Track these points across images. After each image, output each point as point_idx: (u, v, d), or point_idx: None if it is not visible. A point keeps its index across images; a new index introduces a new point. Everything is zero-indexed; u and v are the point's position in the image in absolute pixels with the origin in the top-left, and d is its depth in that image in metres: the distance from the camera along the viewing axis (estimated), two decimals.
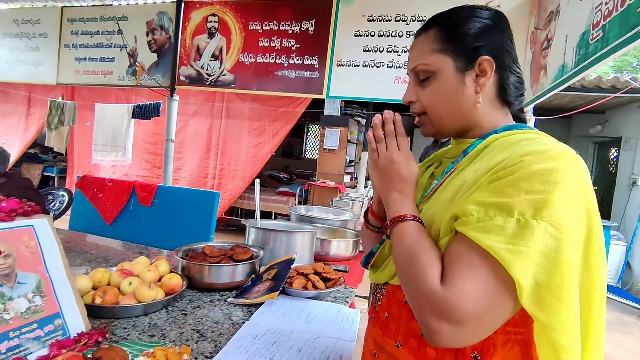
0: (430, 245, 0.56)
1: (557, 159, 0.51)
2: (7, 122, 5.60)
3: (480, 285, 0.49)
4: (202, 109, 4.74)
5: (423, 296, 0.52)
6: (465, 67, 0.63)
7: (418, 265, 0.54)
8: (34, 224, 0.84)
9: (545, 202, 0.48)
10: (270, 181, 6.83)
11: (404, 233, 0.59)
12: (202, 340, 0.88)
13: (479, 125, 0.66)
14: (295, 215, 2.13)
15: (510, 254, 0.48)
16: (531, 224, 0.48)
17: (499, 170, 0.53)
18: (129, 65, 4.53)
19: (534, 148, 0.53)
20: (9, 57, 5.11)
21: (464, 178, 0.58)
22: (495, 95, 0.65)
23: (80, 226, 2.44)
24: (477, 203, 0.52)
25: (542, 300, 0.47)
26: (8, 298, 0.74)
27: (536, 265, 0.47)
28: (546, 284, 0.47)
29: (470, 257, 0.51)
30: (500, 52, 0.63)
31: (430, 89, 0.65)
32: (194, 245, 1.38)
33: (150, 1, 4.58)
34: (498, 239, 0.49)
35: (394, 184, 0.64)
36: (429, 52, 0.64)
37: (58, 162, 6.79)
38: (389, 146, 0.66)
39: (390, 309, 0.66)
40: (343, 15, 3.80)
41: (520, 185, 0.50)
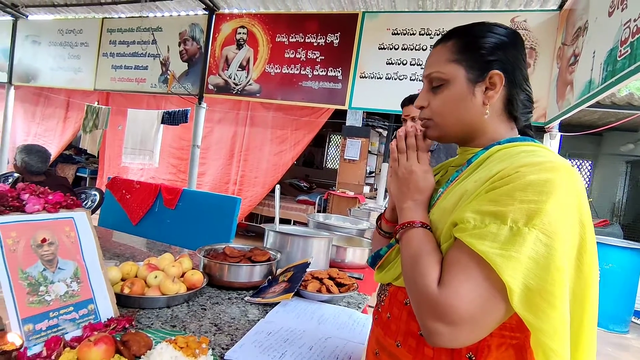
0: (432, 250, 0.59)
1: (552, 171, 0.53)
2: (46, 125, 5.95)
3: (474, 288, 0.52)
4: (228, 116, 4.89)
5: (422, 298, 0.56)
6: (477, 79, 0.66)
7: (419, 268, 0.58)
8: (75, 216, 0.93)
9: (538, 211, 0.51)
10: (290, 189, 6.92)
11: (411, 238, 0.63)
12: (219, 333, 0.94)
13: (483, 136, 0.69)
14: (313, 222, 2.18)
15: (502, 259, 0.50)
16: (523, 231, 0.51)
17: (496, 180, 0.56)
18: (161, 73, 4.75)
19: (530, 159, 0.56)
20: (52, 64, 5.45)
21: (465, 187, 0.61)
22: (502, 109, 0.68)
23: (108, 225, 2.56)
24: (474, 211, 0.55)
25: (532, 304, 0.50)
26: (50, 281, 0.82)
27: (526, 270, 0.50)
28: (536, 288, 0.50)
29: (466, 262, 0.54)
30: (512, 68, 0.66)
31: (441, 96, 0.68)
32: (215, 246, 1.44)
33: (183, 13, 4.80)
34: (492, 245, 0.52)
35: (410, 194, 0.68)
36: (444, 61, 0.68)
37: (90, 164, 7.14)
38: (409, 158, 0.71)
39: (392, 310, 0.69)
40: (368, 28, 3.87)
41: (515, 194, 0.53)
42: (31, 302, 0.77)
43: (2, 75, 5.84)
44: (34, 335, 0.76)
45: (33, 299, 0.78)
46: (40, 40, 5.56)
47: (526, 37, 3.42)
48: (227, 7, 4.55)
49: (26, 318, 0.75)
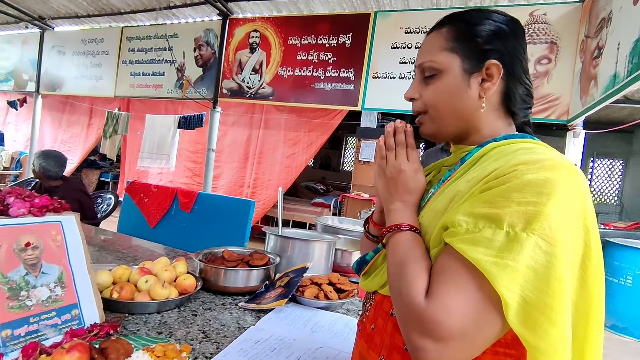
0: (420, 256, 0.54)
1: (552, 170, 0.48)
2: (71, 131, 6.18)
3: (466, 300, 0.47)
4: (241, 119, 4.93)
5: (407, 310, 0.51)
6: (472, 69, 0.61)
7: (405, 276, 0.53)
8: (62, 220, 0.92)
9: (537, 215, 0.45)
10: (306, 192, 6.91)
11: (398, 243, 0.58)
12: (205, 341, 0.90)
13: (479, 132, 0.63)
14: (321, 226, 2.13)
15: (497, 268, 0.45)
16: (520, 237, 0.45)
17: (491, 179, 0.50)
18: (177, 79, 4.84)
19: (528, 157, 0.50)
20: (75, 72, 5.66)
21: (458, 188, 0.56)
22: (500, 103, 0.63)
23: (127, 228, 2.61)
24: (467, 213, 0.50)
25: (530, 319, 0.44)
26: (32, 286, 0.81)
27: (524, 281, 0.45)
28: (535, 302, 0.44)
29: (457, 270, 0.48)
30: (511, 59, 0.61)
31: (433, 87, 0.63)
32: (215, 249, 1.42)
33: (199, 19, 4.89)
34: (485, 251, 0.46)
35: (398, 194, 0.63)
36: (438, 49, 0.63)
37: (113, 169, 7.37)
38: (398, 155, 0.65)
39: (377, 321, 0.64)
40: (380, 27, 3.81)
41: (512, 196, 0.47)
42: (11, 307, 0.76)
43: (30, 85, 6.11)
44: (12, 341, 0.74)
45: (13, 304, 0.77)
46: (65, 51, 5.78)
47: (546, 30, 3.27)
48: (240, 11, 4.59)
49: (4, 323, 0.74)
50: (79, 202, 2.63)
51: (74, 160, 6.08)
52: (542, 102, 3.33)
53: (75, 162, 6.08)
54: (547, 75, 3.30)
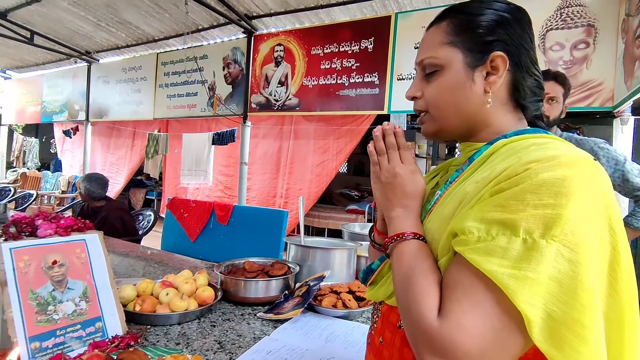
0: (429, 268, 0.51)
1: (570, 166, 0.44)
2: (117, 154, 6.64)
3: (483, 318, 0.43)
4: (271, 131, 5.03)
5: (419, 330, 0.47)
6: (476, 63, 0.57)
7: (413, 292, 0.49)
8: (86, 238, 0.99)
9: (557, 218, 0.41)
10: (340, 199, 6.88)
11: (402, 253, 0.54)
12: (220, 352, 0.92)
13: (486, 129, 0.60)
14: (347, 233, 2.12)
15: (515, 281, 0.41)
16: (540, 244, 0.41)
17: (502, 180, 0.46)
18: (209, 97, 5.06)
19: (542, 154, 0.46)
20: (119, 99, 6.10)
21: (466, 190, 0.52)
22: (507, 96, 0.59)
23: (170, 243, 2.74)
24: (478, 219, 0.46)
25: (557, 337, 0.40)
26: (58, 301, 0.87)
27: (547, 294, 0.40)
28: (561, 317, 0.40)
29: (470, 284, 0.44)
30: (517, 49, 0.57)
31: (435, 84, 0.60)
32: (236, 261, 1.46)
33: (226, 39, 5.09)
34: (501, 262, 0.42)
35: (397, 200, 0.60)
36: (438, 44, 0.60)
37: (158, 187, 7.79)
38: (391, 159, 0.62)
39: (384, 334, 0.61)
40: (402, 29, 3.76)
41: (527, 198, 0.43)
42: (39, 320, 0.83)
43: (81, 114, 6.66)
44: (40, 352, 0.81)
45: (41, 318, 0.83)
46: (109, 80, 6.25)
47: (581, 13, 3.06)
48: (264, 27, 4.73)
49: (33, 336, 0.81)
50: (122, 220, 2.80)
51: (120, 181, 6.51)
52: (583, 90, 3.10)
53: (122, 182, 6.50)
54: (586, 61, 3.07)
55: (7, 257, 0.83)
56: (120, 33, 5.50)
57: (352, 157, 7.40)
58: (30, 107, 7.63)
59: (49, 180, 7.84)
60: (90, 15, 5.06)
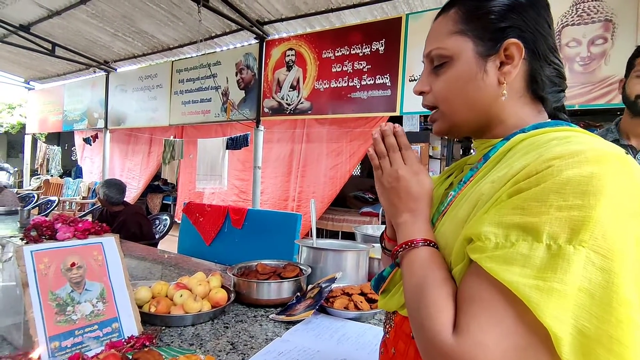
0: (442, 279, 0.47)
1: (598, 162, 0.39)
2: (135, 160, 6.80)
3: (505, 336, 0.39)
4: (285, 135, 5.07)
5: (432, 347, 0.43)
6: (488, 52, 0.53)
7: (426, 305, 0.46)
8: (103, 241, 1.01)
9: (585, 221, 0.37)
10: (355, 202, 6.85)
11: (413, 262, 0.51)
12: (232, 352, 0.93)
13: (502, 123, 0.55)
14: (360, 235, 2.11)
15: (539, 293, 0.37)
16: (566, 251, 0.37)
17: (521, 179, 0.42)
18: (222, 103, 5.14)
19: (565, 149, 0.41)
20: (136, 107, 6.26)
21: (481, 190, 0.48)
22: (525, 87, 0.54)
23: (186, 246, 2.79)
24: (495, 223, 0.42)
25: (590, 356, 0.36)
26: (77, 302, 0.90)
27: (577, 308, 0.36)
28: (595, 334, 0.36)
29: (489, 297, 0.40)
30: (533, 35, 0.53)
31: (444, 76, 0.56)
32: (249, 263, 1.47)
33: (238, 45, 5.17)
34: (523, 272, 0.38)
35: (403, 204, 0.57)
36: (446, 34, 0.56)
37: (174, 192, 7.94)
38: (393, 161, 0.59)
39: (397, 344, 0.58)
40: (413, 29, 3.74)
41: (550, 199, 0.39)
42: (58, 321, 0.85)
43: (100, 122, 6.85)
44: (60, 351, 0.83)
45: (60, 318, 0.86)
46: (126, 88, 6.42)
47: (598, 8, 2.98)
48: (275, 33, 4.78)
49: (53, 336, 0.83)
50: (139, 224, 2.87)
51: (138, 187, 6.66)
52: (602, 86, 3.01)
53: (140, 188, 6.65)
54: (604, 57, 2.99)
55: (29, 259, 0.86)
56: (137, 42, 5.65)
57: (365, 159, 7.38)
58: (52, 116, 7.90)
59: (70, 187, 8.08)
60: (108, 26, 5.22)
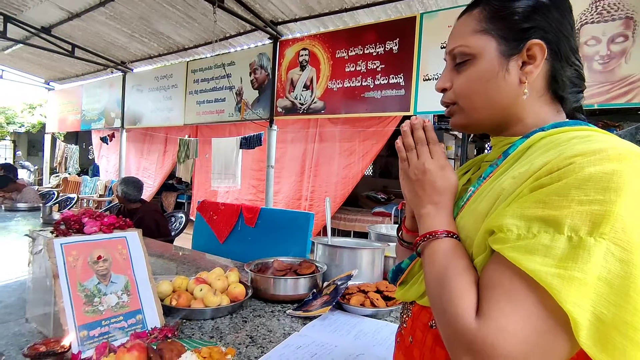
0: (464, 268, 0.49)
1: (619, 160, 0.41)
2: (150, 159, 6.92)
3: (525, 320, 0.41)
4: (298, 135, 5.10)
5: (455, 332, 0.45)
6: (511, 52, 0.54)
7: (449, 293, 0.47)
8: (127, 235, 1.05)
9: (606, 215, 0.39)
10: (367, 202, 6.84)
11: (435, 253, 0.53)
12: (252, 345, 0.96)
13: (521, 121, 0.57)
14: (374, 234, 2.12)
15: (560, 281, 0.39)
16: (587, 242, 0.39)
17: (542, 175, 0.44)
18: (236, 103, 5.19)
19: (587, 147, 0.43)
20: (151, 107, 6.37)
21: (502, 185, 0.50)
22: (545, 87, 0.56)
23: (200, 244, 2.83)
24: (517, 216, 0.44)
25: (608, 342, 0.38)
26: (103, 293, 0.93)
27: (596, 296, 0.38)
28: (612, 321, 0.38)
29: (510, 284, 0.42)
30: (556, 37, 0.54)
31: (466, 74, 0.57)
32: (266, 260, 1.49)
33: (253, 45, 5.21)
34: (544, 261, 0.40)
35: (427, 197, 0.58)
36: (470, 32, 0.57)
37: (188, 191, 8.05)
38: (420, 154, 0.60)
39: (415, 333, 0.60)
40: (427, 29, 3.72)
41: (571, 193, 0.41)
42: (87, 311, 0.89)
43: (117, 122, 7.00)
44: (88, 340, 0.86)
45: (88, 309, 0.89)
46: (142, 88, 6.54)
47: (619, 5, 2.92)
48: (289, 33, 4.81)
49: (82, 325, 0.87)
50: (156, 222, 2.92)
51: (154, 185, 6.77)
52: (622, 85, 2.95)
53: (155, 186, 6.76)
54: (624, 55, 2.93)
55: (59, 251, 0.90)
56: (153, 43, 5.76)
57: (378, 159, 7.37)
58: (70, 115, 8.10)
59: (87, 185, 8.27)
60: (125, 28, 5.33)
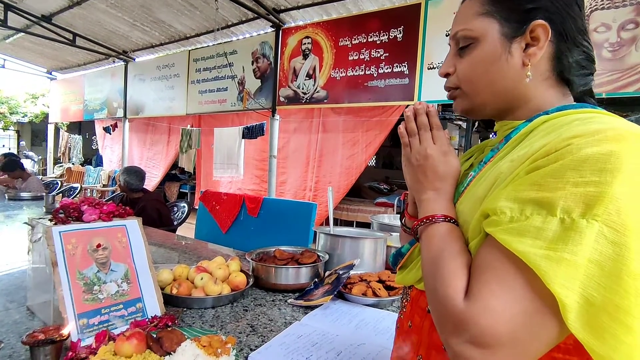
0: (459, 251, 0.49)
1: (617, 141, 0.39)
2: (154, 149, 6.92)
3: (514, 302, 0.40)
4: (302, 125, 5.06)
5: (444, 312, 0.45)
6: (514, 34, 0.53)
7: (441, 274, 0.47)
8: (126, 224, 1.04)
9: (600, 197, 0.38)
10: (370, 192, 6.83)
11: (432, 236, 0.53)
12: (252, 334, 0.95)
13: (525, 105, 0.55)
14: (377, 224, 2.10)
15: (549, 262, 0.38)
16: (579, 224, 0.38)
17: (539, 157, 0.43)
18: (239, 92, 5.15)
19: (586, 128, 0.42)
20: (154, 96, 6.34)
21: (500, 169, 0.49)
22: (550, 70, 0.54)
23: (203, 234, 2.83)
24: (511, 198, 0.43)
25: (596, 325, 0.37)
26: (103, 282, 0.93)
27: (586, 278, 0.37)
28: (602, 303, 0.37)
29: (501, 266, 0.42)
30: (561, 17, 0.52)
31: (469, 58, 0.56)
32: (267, 249, 1.49)
33: (255, 34, 5.15)
34: (534, 243, 0.40)
35: (429, 182, 0.58)
36: (473, 15, 0.56)
37: (191, 181, 8.07)
38: (422, 140, 0.59)
39: (413, 318, 0.60)
40: (432, 16, 3.65)
41: (567, 175, 0.40)
42: (86, 299, 0.88)
43: (119, 112, 6.98)
44: (88, 328, 0.86)
45: (88, 297, 0.89)
46: (144, 78, 6.51)
47: None
48: (292, 21, 4.74)
49: (81, 313, 0.86)
50: (158, 211, 2.93)
51: (157, 175, 6.78)
52: (632, 73, 2.88)
53: (159, 176, 6.77)
54: (634, 42, 2.86)
55: (57, 239, 0.89)
56: (154, 32, 5.70)
57: (381, 150, 7.31)
58: (73, 105, 8.09)
59: (91, 175, 8.31)
60: (127, 16, 5.28)
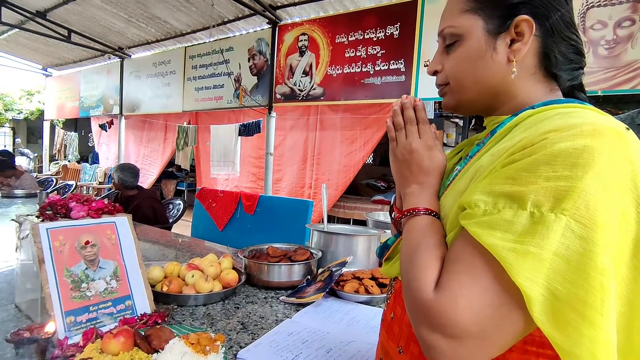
0: (435, 244, 0.49)
1: (593, 136, 0.39)
2: (151, 147, 6.88)
3: (481, 294, 0.41)
4: (299, 123, 5.04)
5: (414, 302, 0.46)
6: (498, 30, 0.53)
7: (415, 265, 0.48)
8: (116, 221, 1.03)
9: (570, 191, 0.38)
10: (367, 190, 6.83)
11: (412, 229, 0.53)
12: (243, 332, 0.94)
13: (511, 101, 0.56)
14: (372, 221, 2.10)
15: (515, 255, 0.39)
16: (547, 218, 0.38)
17: (516, 150, 0.44)
18: (235, 89, 5.12)
19: (564, 122, 0.42)
20: (150, 93, 6.30)
21: (480, 163, 0.50)
22: (537, 65, 0.54)
23: (199, 231, 2.83)
24: (486, 192, 0.44)
25: (560, 318, 0.37)
26: (91, 279, 0.92)
27: (551, 272, 0.38)
28: (566, 297, 0.37)
29: (471, 258, 0.43)
30: (546, 10, 0.52)
31: (454, 55, 0.57)
32: (260, 246, 1.48)
33: (251, 30, 5.12)
34: (504, 236, 0.40)
35: (414, 177, 0.58)
36: (457, 12, 0.56)
37: (188, 178, 8.05)
38: (408, 134, 0.60)
39: (395, 310, 0.60)
40: (429, 13, 3.64)
41: (539, 169, 0.40)
42: (74, 297, 0.87)
43: (115, 109, 6.94)
44: (75, 326, 0.85)
45: (75, 294, 0.88)
46: (140, 75, 6.46)
47: None
48: (288, 17, 4.72)
49: (69, 311, 0.85)
50: (153, 208, 2.91)
51: (154, 173, 6.75)
52: (627, 71, 2.89)
53: (155, 174, 6.74)
54: (631, 39, 2.86)
55: (44, 236, 0.88)
56: (150, 28, 5.66)
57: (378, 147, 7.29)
58: (69, 102, 8.03)
59: (87, 172, 8.27)
60: (122, 12, 5.23)
